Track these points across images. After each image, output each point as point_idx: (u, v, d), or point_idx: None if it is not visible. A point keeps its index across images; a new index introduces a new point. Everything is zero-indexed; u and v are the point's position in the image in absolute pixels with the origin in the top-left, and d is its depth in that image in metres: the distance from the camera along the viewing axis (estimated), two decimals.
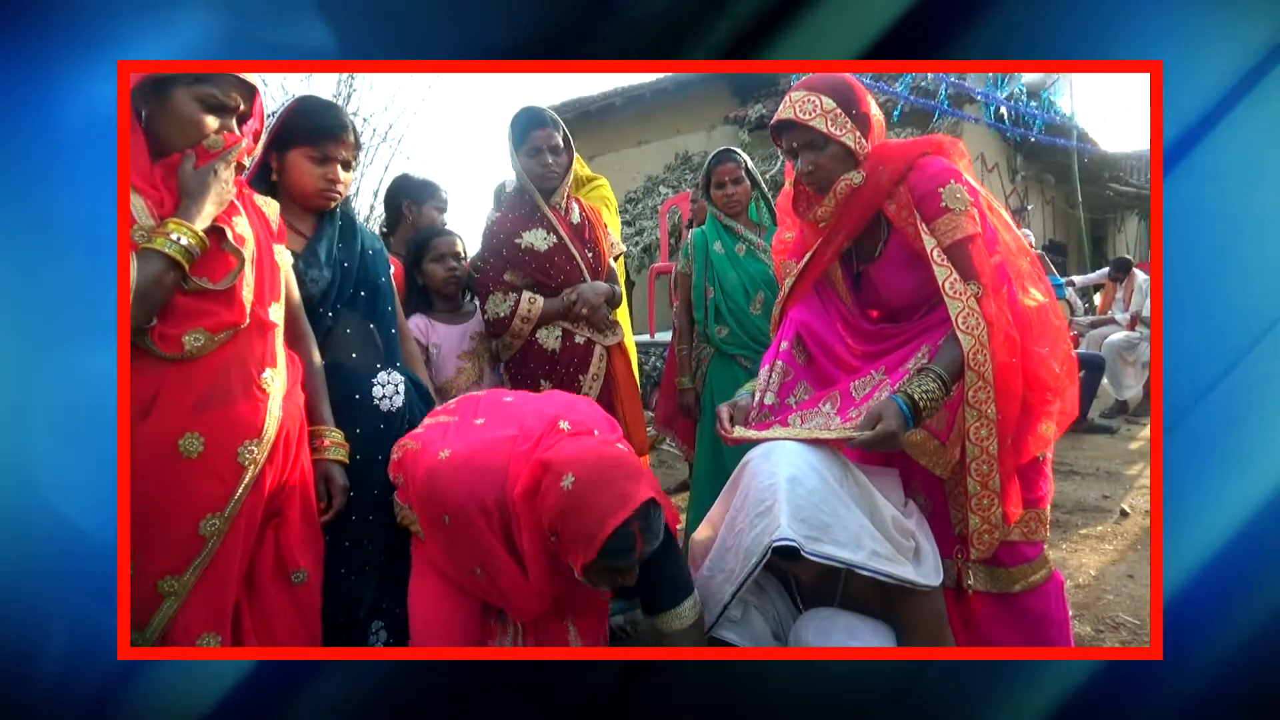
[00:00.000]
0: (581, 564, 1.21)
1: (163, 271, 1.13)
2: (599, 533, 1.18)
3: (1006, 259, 1.45)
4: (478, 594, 1.38)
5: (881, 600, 1.36)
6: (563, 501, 1.21)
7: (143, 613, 1.21)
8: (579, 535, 1.20)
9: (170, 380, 1.18)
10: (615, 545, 1.19)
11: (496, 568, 1.30)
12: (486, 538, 1.29)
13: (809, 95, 1.43)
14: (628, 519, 1.19)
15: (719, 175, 2.53)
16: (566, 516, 1.21)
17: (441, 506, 1.31)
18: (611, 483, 1.22)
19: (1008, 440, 1.38)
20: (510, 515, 1.29)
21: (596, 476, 1.22)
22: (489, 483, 1.29)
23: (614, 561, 1.21)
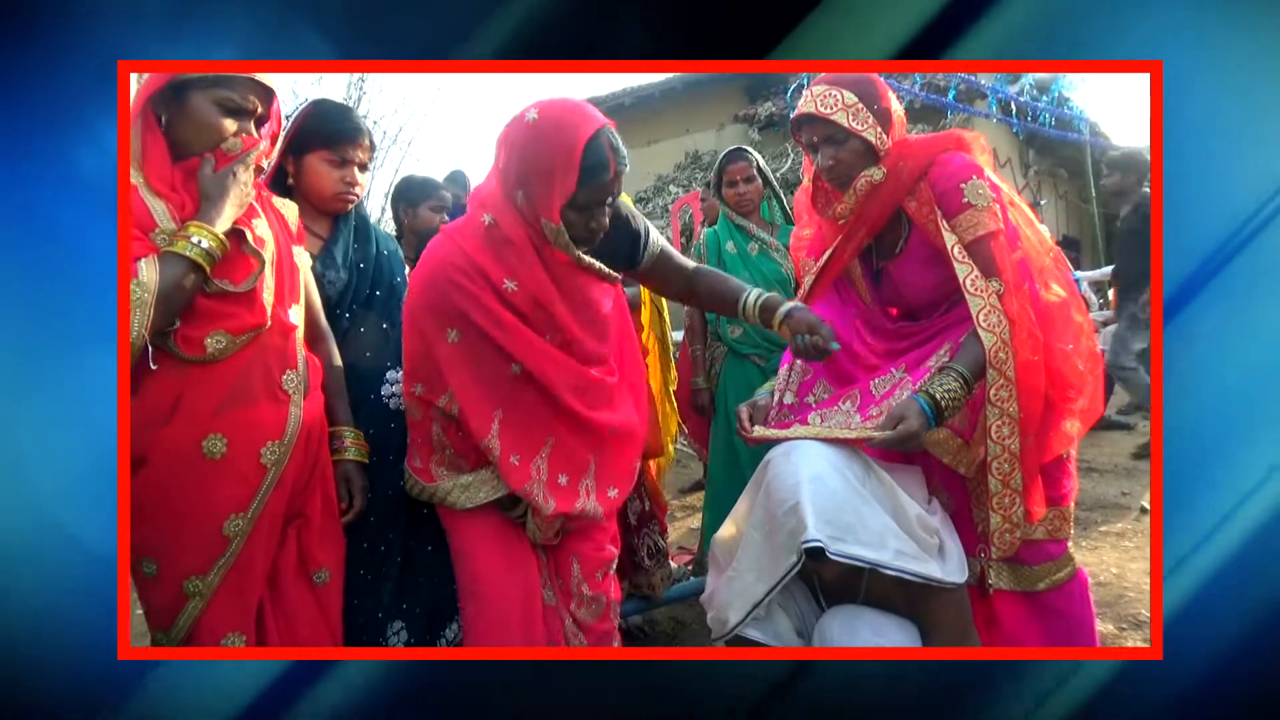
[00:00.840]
0: (560, 203, 1.22)
1: (184, 274, 1.13)
2: (574, 149, 1.19)
3: (1029, 255, 1.44)
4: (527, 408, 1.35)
5: (905, 598, 1.35)
6: (528, 133, 1.23)
7: (168, 613, 1.22)
8: (554, 163, 1.20)
9: (193, 382, 1.18)
10: (591, 162, 1.21)
11: (514, 336, 1.30)
12: (484, 298, 1.28)
13: (830, 89, 1.42)
14: (598, 131, 1.21)
15: (731, 174, 2.52)
16: (536, 146, 1.22)
17: (438, 317, 1.30)
18: (574, 108, 1.24)
19: (1030, 438, 1.37)
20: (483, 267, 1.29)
21: (558, 105, 1.25)
22: (444, 257, 1.31)
23: (592, 185, 1.22)
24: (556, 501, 1.38)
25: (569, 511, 1.39)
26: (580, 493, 1.41)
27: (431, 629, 1.60)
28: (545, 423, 1.38)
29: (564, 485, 1.39)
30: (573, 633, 1.49)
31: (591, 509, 1.42)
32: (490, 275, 1.29)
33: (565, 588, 1.49)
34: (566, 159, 1.20)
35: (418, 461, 1.44)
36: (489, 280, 1.29)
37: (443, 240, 1.35)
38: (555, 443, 1.39)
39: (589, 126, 1.21)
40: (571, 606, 1.50)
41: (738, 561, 1.39)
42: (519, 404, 1.35)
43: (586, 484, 1.43)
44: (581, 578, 1.50)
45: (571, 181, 1.21)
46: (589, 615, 1.50)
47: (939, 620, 1.34)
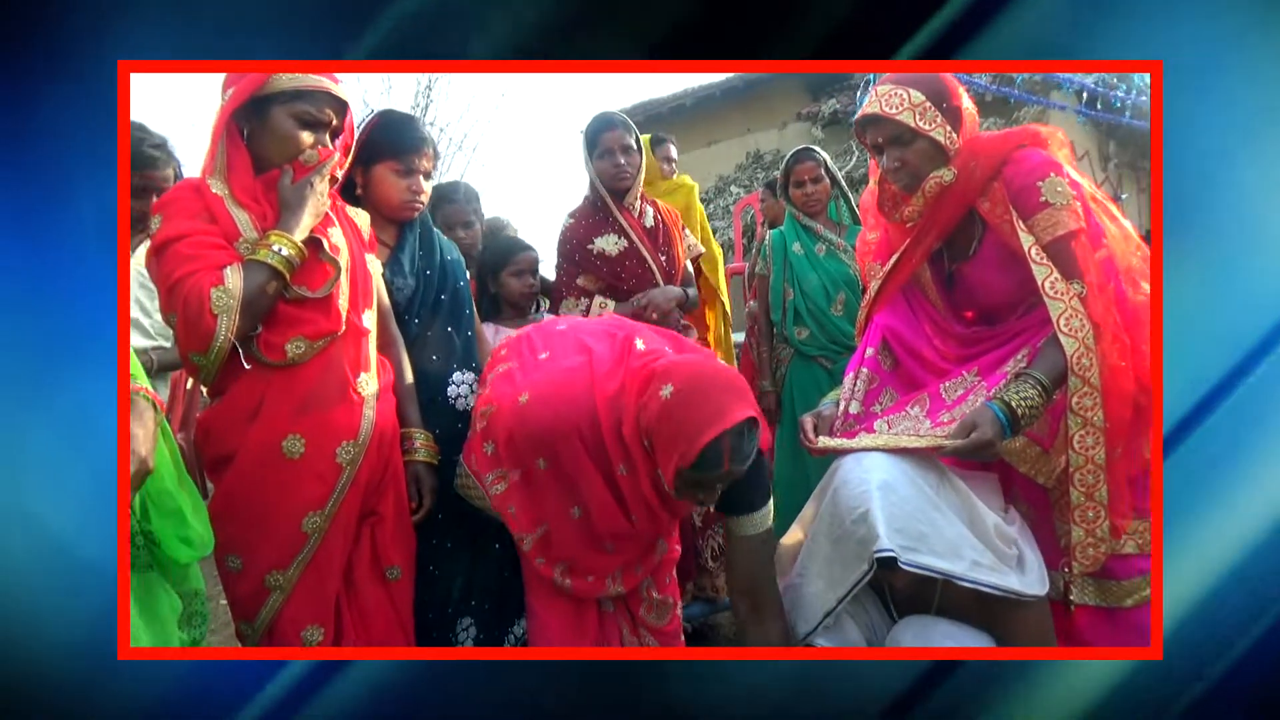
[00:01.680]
0: (673, 472, 1.22)
1: (266, 280, 1.19)
2: (693, 444, 1.18)
3: (1113, 253, 1.37)
4: (569, 543, 1.37)
5: (982, 610, 1.30)
6: (661, 408, 1.22)
7: (252, 605, 1.28)
8: (672, 444, 1.21)
9: (275, 386, 1.24)
10: (705, 460, 1.19)
11: (595, 501, 1.32)
12: (586, 465, 1.30)
13: (896, 89, 1.38)
14: (719, 435, 1.18)
15: (798, 174, 2.49)
16: (663, 424, 1.22)
17: (538, 448, 1.31)
18: (710, 397, 1.22)
19: (1117, 449, 1.30)
20: (604, 442, 1.30)
21: (695, 387, 1.23)
22: (579, 408, 1.31)
23: (703, 474, 1.21)
24: (575, 588, 1.40)
25: (590, 595, 1.42)
26: (606, 584, 1.43)
27: (500, 624, 1.63)
28: (581, 549, 1.39)
29: (590, 582, 1.41)
30: (631, 639, 1.50)
31: (615, 591, 1.44)
32: (610, 455, 1.31)
33: (634, 592, 1.50)
34: (685, 449, 1.19)
35: (475, 464, 1.44)
36: (607, 458, 1.32)
37: (581, 388, 1.34)
38: (579, 559, 1.40)
39: (714, 428, 1.19)
40: (640, 611, 1.51)
41: (805, 569, 1.37)
42: (562, 530, 1.37)
43: (612, 576, 1.44)
44: (651, 581, 1.51)
45: (686, 463, 1.20)
46: (657, 618, 1.51)
47: (1017, 634, 1.29)
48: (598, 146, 2.08)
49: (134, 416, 0.96)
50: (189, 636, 1.18)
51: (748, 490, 1.38)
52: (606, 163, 2.07)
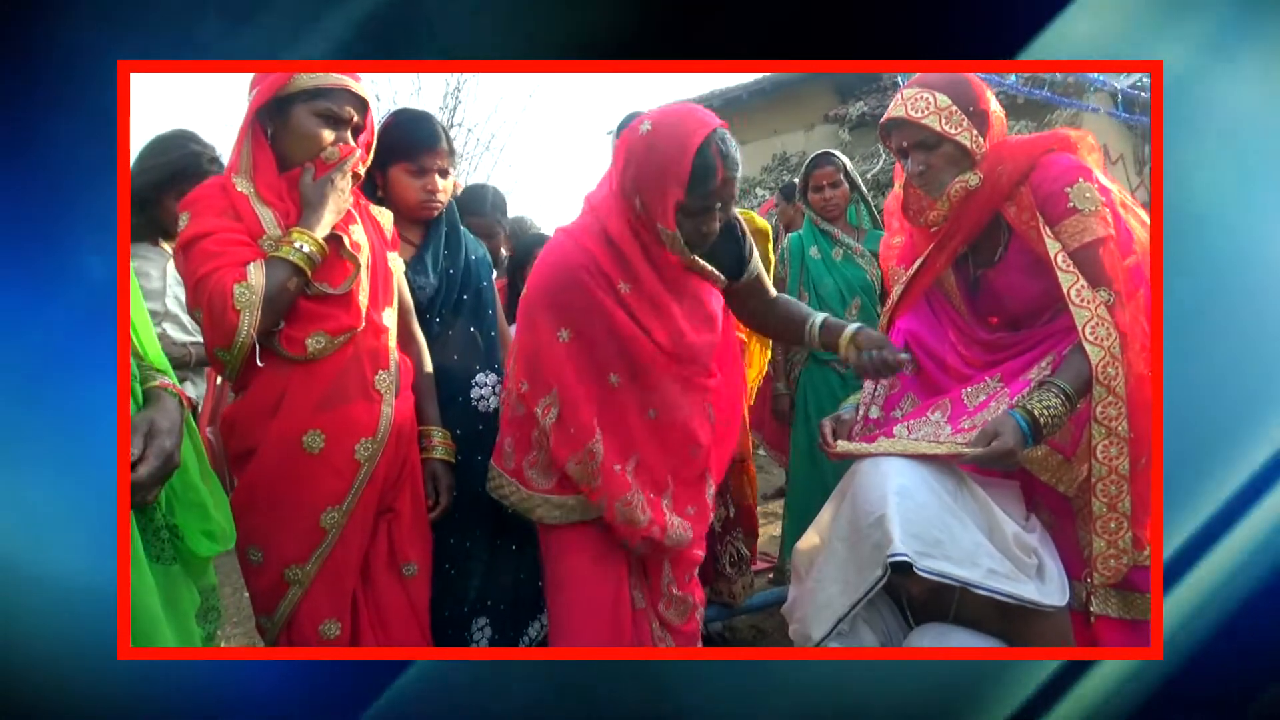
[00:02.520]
0: (671, 202, 1.24)
1: (288, 277, 1.21)
2: (684, 155, 1.22)
3: (1144, 261, 1.34)
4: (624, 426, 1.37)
5: (1000, 619, 1.28)
6: (643, 144, 1.26)
7: (270, 599, 1.30)
8: (666, 165, 1.23)
9: (295, 381, 1.26)
10: (700, 168, 1.23)
11: (623, 336, 1.33)
12: (599, 298, 1.31)
13: (922, 92, 1.37)
14: (708, 137, 1.23)
15: (817, 179, 2.49)
16: (650, 156, 1.25)
17: (555, 314, 1.33)
18: (685, 115, 1.28)
19: (1142, 460, 1.27)
20: (602, 267, 1.32)
21: (668, 113, 1.29)
22: (566, 252, 1.34)
23: (701, 190, 1.24)
24: (654, 513, 1.37)
25: (664, 526, 1.38)
26: (665, 511, 1.40)
27: (516, 625, 1.63)
28: (633, 438, 1.38)
29: (652, 500, 1.39)
30: (659, 635, 1.49)
31: (680, 526, 1.41)
32: (609, 275, 1.32)
33: (654, 587, 1.49)
34: (676, 166, 1.23)
35: (510, 462, 1.42)
36: (608, 279, 1.32)
37: (564, 239, 1.38)
38: (639, 460, 1.39)
39: (698, 133, 1.24)
40: (660, 607, 1.50)
41: (820, 573, 1.36)
42: (614, 415, 1.36)
43: (666, 503, 1.42)
44: (672, 577, 1.50)
45: (682, 185, 1.24)
46: (676, 616, 1.51)
47: (1036, 644, 1.27)
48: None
49: (159, 411, 0.98)
50: (205, 632, 1.20)
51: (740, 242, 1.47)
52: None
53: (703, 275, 1.39)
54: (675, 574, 1.51)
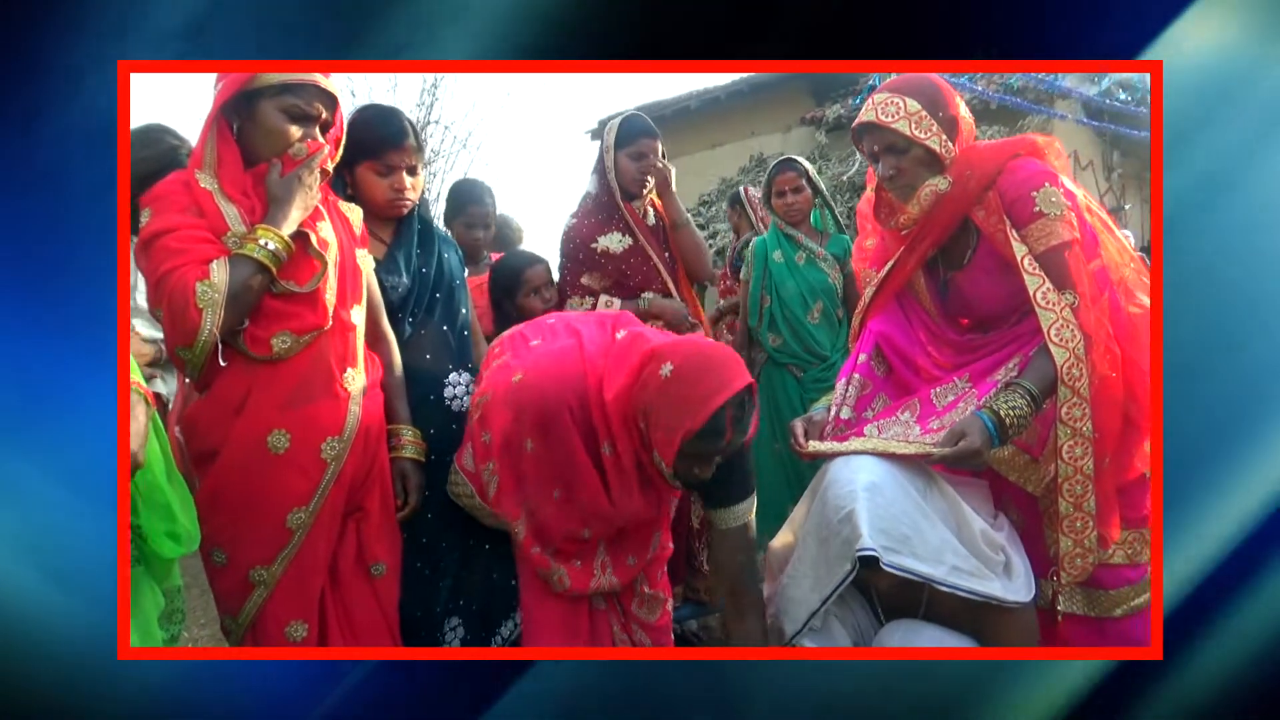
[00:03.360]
0: (673, 449, 1.23)
1: (252, 275, 1.19)
2: (699, 414, 1.21)
3: (1108, 265, 1.37)
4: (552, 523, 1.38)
5: (968, 615, 1.30)
6: (661, 385, 1.24)
7: (235, 601, 1.28)
8: (676, 417, 1.22)
9: (260, 380, 1.24)
10: (709, 429, 1.21)
11: (578, 480, 1.33)
12: (574, 442, 1.31)
13: (892, 97, 1.38)
14: (723, 404, 1.22)
15: (779, 184, 2.54)
16: (664, 400, 1.24)
17: (526, 427, 1.33)
18: (714, 368, 1.26)
19: (1105, 459, 1.30)
20: (592, 420, 1.32)
21: (695, 363, 1.26)
22: (570, 387, 1.33)
23: (704, 446, 1.24)
24: (572, 581, 1.40)
25: (584, 590, 1.41)
26: (595, 570, 1.43)
27: (487, 626, 1.62)
28: (562, 528, 1.39)
29: (579, 568, 1.41)
30: (622, 637, 1.50)
31: (607, 584, 1.43)
32: (597, 432, 1.33)
33: (628, 587, 1.50)
34: (688, 422, 1.22)
35: (471, 464, 1.45)
36: (594, 435, 1.33)
37: (573, 366, 1.36)
38: (559, 549, 1.40)
39: (717, 398, 1.22)
40: (633, 606, 1.51)
41: (793, 569, 1.37)
42: (547, 510, 1.37)
43: (601, 561, 1.44)
44: (644, 576, 1.51)
45: (689, 435, 1.23)
46: (649, 613, 1.52)
47: (1003, 640, 1.30)
48: (633, 145, 2.08)
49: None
50: (168, 634, 1.18)
51: (731, 482, 1.40)
52: (636, 166, 2.07)
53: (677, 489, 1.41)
54: (647, 573, 1.53)
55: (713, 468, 1.31)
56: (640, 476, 1.35)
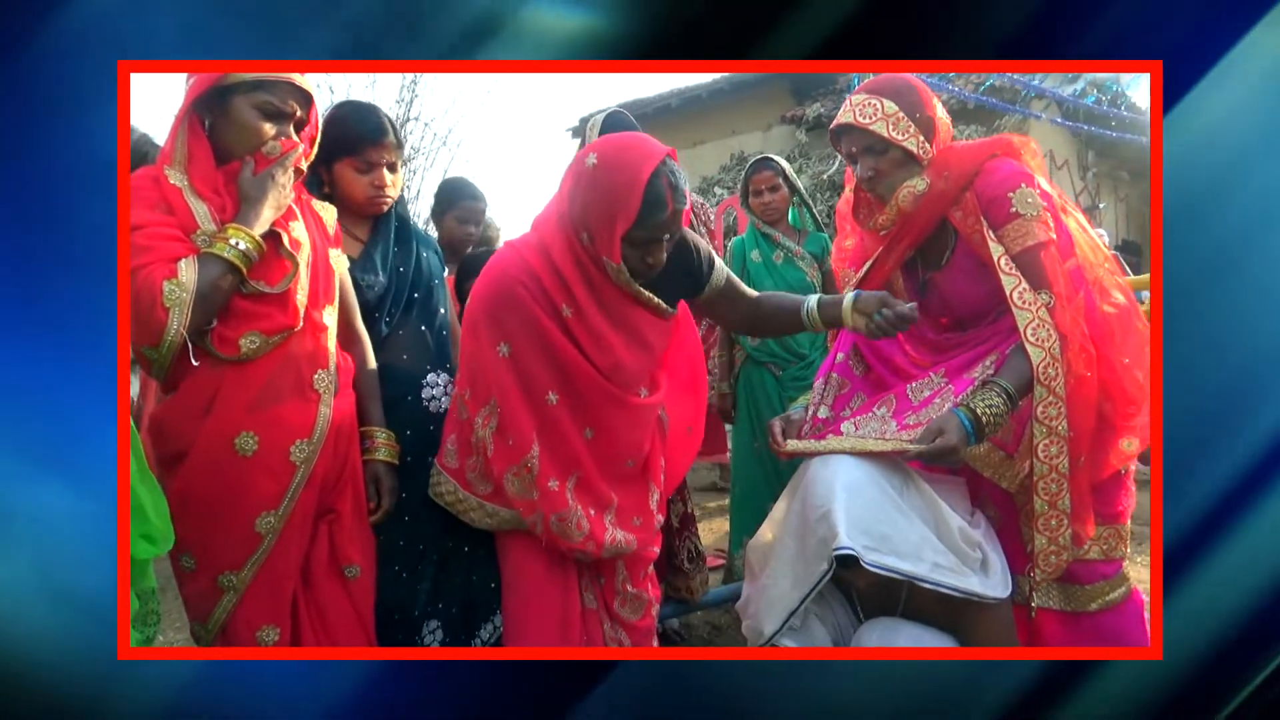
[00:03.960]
0: (618, 235, 1.24)
1: (221, 275, 1.16)
2: (633, 189, 1.21)
3: (1083, 265, 1.38)
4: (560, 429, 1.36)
5: (946, 612, 1.31)
6: (589, 176, 1.26)
7: (204, 606, 1.25)
8: (614, 200, 1.23)
9: (228, 381, 1.21)
10: (649, 201, 1.22)
11: (558, 356, 1.33)
12: (538, 315, 1.31)
13: (870, 98, 1.39)
14: (657, 168, 1.23)
15: (756, 183, 2.55)
16: (597, 188, 1.25)
17: (492, 330, 1.33)
18: (632, 146, 1.28)
19: (1080, 458, 1.31)
20: (544, 285, 1.31)
21: (615, 144, 1.29)
22: (510, 265, 1.34)
23: (649, 223, 1.24)
24: (591, 527, 1.37)
25: (601, 542, 1.39)
26: (607, 525, 1.41)
27: (467, 628, 1.61)
28: (572, 457, 1.38)
29: (593, 516, 1.40)
30: (612, 636, 1.50)
31: (622, 539, 1.42)
32: (552, 296, 1.32)
33: (609, 585, 1.50)
34: (625, 200, 1.22)
35: (452, 461, 1.44)
36: (550, 300, 1.32)
37: (509, 253, 1.38)
38: (580, 478, 1.40)
39: (647, 166, 1.23)
40: (615, 605, 1.50)
41: (772, 568, 1.37)
42: (552, 433, 1.36)
43: (609, 518, 1.43)
44: (627, 575, 1.51)
45: (630, 220, 1.23)
46: (631, 613, 1.52)
47: (981, 635, 1.31)
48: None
49: None
50: (142, 635, 1.16)
51: (691, 261, 1.47)
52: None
53: (647, 306, 1.39)
54: (630, 572, 1.52)
55: (664, 252, 1.31)
56: (608, 319, 1.34)
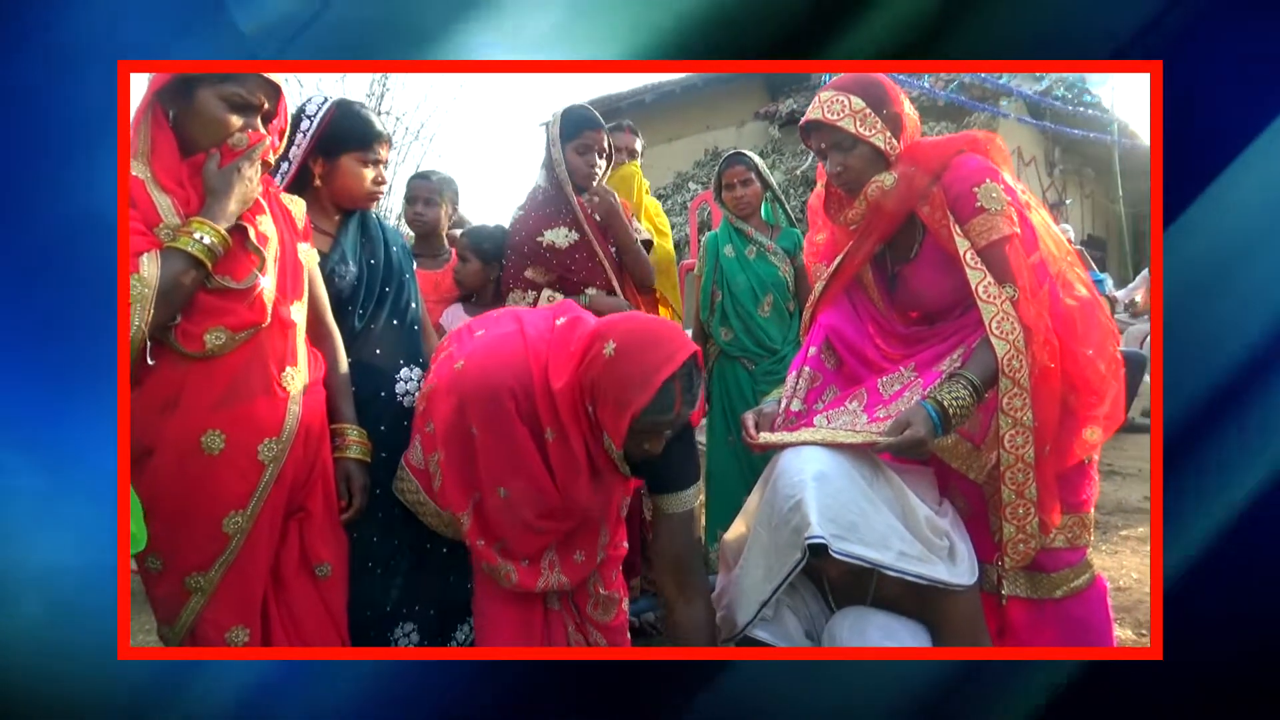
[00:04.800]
0: (623, 428, 1.24)
1: (185, 269, 1.14)
2: (647, 388, 1.21)
3: (1047, 258, 1.40)
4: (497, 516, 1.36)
5: (915, 600, 1.33)
6: (606, 364, 1.25)
7: (171, 608, 1.23)
8: (624, 394, 1.23)
9: (193, 378, 1.19)
10: (658, 403, 1.22)
11: (523, 468, 1.32)
12: (517, 428, 1.30)
13: (837, 95, 1.40)
14: (671, 376, 1.23)
15: (729, 178, 2.56)
16: (610, 378, 1.24)
17: (469, 414, 1.32)
18: (658, 342, 1.27)
19: (1046, 447, 1.33)
20: (536, 405, 1.31)
21: (637, 339, 1.27)
22: (512, 372, 1.32)
23: (655, 418, 1.24)
24: (519, 578, 1.39)
25: (532, 588, 1.40)
26: (543, 569, 1.42)
27: (443, 629, 1.60)
28: (508, 535, 1.38)
29: (526, 567, 1.40)
30: (576, 636, 1.50)
31: (556, 582, 1.42)
32: (541, 417, 1.32)
33: (581, 589, 1.50)
34: (636, 397, 1.22)
35: (419, 460, 1.45)
36: (537, 419, 1.32)
37: (520, 348, 1.36)
38: (507, 545, 1.40)
39: (664, 370, 1.23)
40: (587, 608, 1.51)
41: (745, 560, 1.38)
42: (493, 502, 1.36)
43: (550, 559, 1.43)
44: (598, 577, 1.51)
45: (638, 410, 1.23)
46: (604, 614, 1.52)
47: (949, 623, 1.33)
48: (579, 138, 2.08)
49: None
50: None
51: (679, 463, 1.41)
52: (583, 160, 2.07)
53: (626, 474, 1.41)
54: (602, 573, 1.52)
55: (662, 443, 1.32)
56: (589, 466, 1.34)
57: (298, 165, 1.52)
